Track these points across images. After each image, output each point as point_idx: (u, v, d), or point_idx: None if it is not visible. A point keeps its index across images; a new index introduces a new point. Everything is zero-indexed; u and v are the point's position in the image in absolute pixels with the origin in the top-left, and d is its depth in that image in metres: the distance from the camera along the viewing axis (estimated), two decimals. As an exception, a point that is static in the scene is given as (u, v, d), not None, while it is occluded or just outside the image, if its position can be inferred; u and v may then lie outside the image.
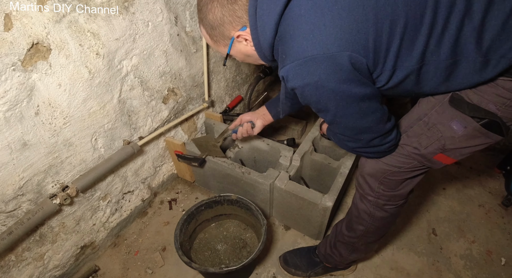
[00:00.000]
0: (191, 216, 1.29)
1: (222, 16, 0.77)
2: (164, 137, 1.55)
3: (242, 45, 0.84)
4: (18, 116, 0.92)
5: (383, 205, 0.97)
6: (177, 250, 1.14)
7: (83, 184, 1.16)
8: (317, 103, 0.74)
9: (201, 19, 0.81)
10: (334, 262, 1.22)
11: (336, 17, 0.64)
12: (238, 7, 0.76)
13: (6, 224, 1.03)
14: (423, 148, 0.83)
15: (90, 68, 1.05)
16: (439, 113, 0.79)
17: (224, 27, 0.79)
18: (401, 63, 0.69)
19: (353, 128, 0.79)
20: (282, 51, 0.72)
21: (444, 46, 0.67)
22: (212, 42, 0.86)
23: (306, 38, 0.66)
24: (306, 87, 0.70)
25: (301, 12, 0.67)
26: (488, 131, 0.73)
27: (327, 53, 0.65)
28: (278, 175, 1.35)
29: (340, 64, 0.65)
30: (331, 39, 0.64)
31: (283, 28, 0.70)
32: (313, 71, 0.67)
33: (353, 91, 0.69)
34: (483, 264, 1.37)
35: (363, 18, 0.64)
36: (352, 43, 0.65)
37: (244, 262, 1.08)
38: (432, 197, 1.65)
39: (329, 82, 0.67)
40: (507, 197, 1.58)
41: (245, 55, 0.88)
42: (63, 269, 1.30)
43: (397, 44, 0.67)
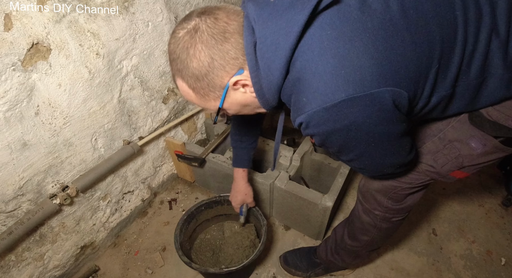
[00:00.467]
0: (191, 216, 1.29)
1: (210, 60, 0.59)
2: (164, 137, 1.55)
3: (239, 94, 0.66)
4: (18, 116, 0.92)
5: (391, 218, 0.94)
6: (177, 250, 1.14)
7: (83, 184, 1.16)
8: (341, 147, 0.63)
9: (179, 70, 0.62)
10: (337, 267, 1.22)
11: (369, 46, 0.53)
12: (231, 45, 0.59)
13: (6, 224, 1.03)
14: (440, 167, 0.79)
15: (90, 68, 1.05)
16: (456, 129, 0.75)
17: (215, 74, 0.61)
18: (437, 89, 0.62)
19: (377, 164, 0.69)
20: (301, 94, 0.58)
21: (474, 66, 0.61)
22: (198, 97, 0.66)
23: (337, 75, 0.53)
24: (333, 133, 0.59)
25: (324, 44, 0.54)
26: (506, 146, 0.71)
27: (365, 92, 0.53)
28: (278, 175, 1.35)
29: (381, 103, 0.54)
30: (368, 74, 0.53)
31: (299, 66, 0.56)
32: (345, 115, 0.55)
33: (391, 131, 0.59)
34: (483, 264, 1.37)
35: (399, 44, 0.54)
36: (393, 76, 0.54)
37: (244, 263, 1.08)
38: (432, 197, 1.65)
39: (366, 125, 0.56)
40: (507, 197, 1.58)
41: (242, 106, 0.70)
42: (63, 269, 1.30)
43: (435, 70, 0.59)
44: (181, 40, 0.60)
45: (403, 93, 0.56)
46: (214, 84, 0.63)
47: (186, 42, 0.59)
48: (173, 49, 0.61)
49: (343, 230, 1.11)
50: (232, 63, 0.61)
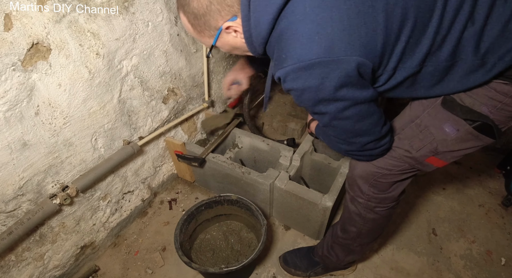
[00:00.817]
0: (191, 216, 1.29)
1: (208, 4, 0.68)
2: (164, 137, 1.55)
3: (231, 37, 0.76)
4: (18, 116, 0.92)
5: (374, 207, 0.96)
6: (177, 250, 1.14)
7: (83, 184, 1.16)
8: (314, 106, 0.71)
9: (182, 5, 0.71)
10: (331, 263, 1.22)
11: (344, 17, 0.60)
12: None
13: (6, 224, 1.03)
14: (415, 151, 0.82)
15: (90, 68, 1.05)
16: (431, 115, 0.79)
17: (211, 16, 0.70)
18: (402, 64, 0.68)
19: (349, 131, 0.76)
20: (281, 50, 0.66)
21: (445, 49, 0.66)
22: (195, 32, 0.76)
23: (311, 39, 0.61)
24: (305, 90, 0.66)
25: (306, 10, 0.61)
26: (480, 133, 0.73)
27: (333, 57, 0.60)
28: (278, 175, 1.35)
29: (346, 69, 0.62)
30: (338, 42, 0.60)
31: (283, 25, 0.64)
32: (316, 75, 0.63)
33: (354, 95, 0.67)
34: (483, 264, 1.37)
35: (373, 19, 0.61)
36: (361, 47, 0.61)
37: (244, 262, 1.08)
38: (432, 197, 1.65)
39: (332, 86, 0.64)
40: (507, 197, 1.58)
41: (233, 47, 0.80)
42: (63, 269, 1.30)
43: (402, 46, 0.65)
44: None
45: (368, 63, 0.63)
46: (210, 25, 0.72)
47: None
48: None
49: (338, 224, 1.13)
50: (227, 10, 0.69)
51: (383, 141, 0.81)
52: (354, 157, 0.90)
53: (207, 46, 0.81)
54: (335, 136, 0.81)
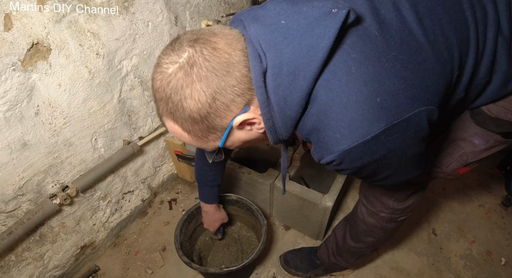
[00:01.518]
0: (191, 216, 1.29)
1: (212, 101, 0.48)
2: (164, 137, 1.55)
3: (244, 132, 0.57)
4: (18, 116, 0.92)
5: (397, 218, 0.94)
6: (177, 250, 1.14)
7: (83, 184, 1.16)
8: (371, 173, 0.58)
9: (170, 112, 0.50)
10: (340, 268, 1.22)
11: (398, 66, 0.48)
12: (236, 80, 0.48)
13: (6, 224, 1.03)
14: (445, 167, 0.79)
15: (90, 68, 1.05)
16: (458, 128, 0.75)
17: (217, 115, 0.50)
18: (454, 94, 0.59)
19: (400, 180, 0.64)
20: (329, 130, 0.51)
21: (483, 65, 0.58)
22: (194, 139, 0.55)
23: (372, 104, 0.47)
24: (369, 164, 0.53)
25: (352, 70, 0.47)
26: (508, 139, 0.72)
27: (403, 117, 0.48)
28: (278, 175, 1.35)
29: (417, 124, 0.50)
30: (403, 97, 0.48)
31: (324, 98, 0.49)
32: (384, 144, 0.50)
33: (422, 149, 0.55)
34: (483, 264, 1.37)
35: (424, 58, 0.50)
36: (425, 94, 0.50)
37: (244, 263, 1.08)
38: (432, 197, 1.65)
39: (401, 149, 0.52)
40: (507, 197, 1.58)
41: (245, 142, 0.61)
42: (63, 269, 1.30)
43: (456, 76, 0.55)
44: (172, 77, 0.48)
45: (435, 109, 0.51)
46: (215, 126, 0.52)
47: (180, 80, 0.47)
48: (162, 87, 0.49)
49: (344, 231, 1.10)
50: (238, 101, 0.50)
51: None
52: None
53: (210, 150, 0.60)
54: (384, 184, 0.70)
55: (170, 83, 0.48)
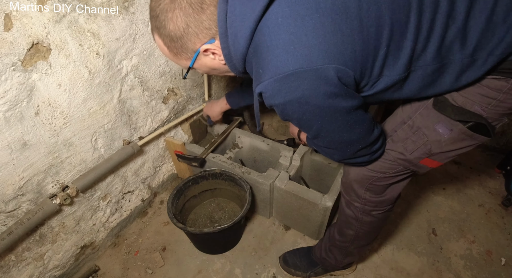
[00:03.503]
0: (180, 191, 1.37)
1: (186, 26, 0.64)
2: (164, 137, 1.55)
3: (209, 59, 0.73)
4: (18, 116, 0.92)
5: (371, 211, 0.95)
6: (171, 219, 1.22)
7: (83, 184, 1.16)
8: (299, 120, 0.68)
9: (157, 28, 0.67)
10: (330, 265, 1.22)
11: (318, 25, 0.57)
12: (206, 16, 0.64)
13: (6, 224, 1.03)
14: (409, 153, 0.80)
15: (90, 68, 1.05)
16: (424, 116, 0.77)
17: (188, 39, 0.67)
18: (387, 71, 0.65)
19: (339, 141, 0.73)
20: (258, 65, 0.63)
21: (430, 51, 0.63)
22: (171, 54, 0.72)
23: (286, 50, 0.58)
24: (287, 105, 0.63)
25: (279, 20, 0.58)
26: (474, 133, 0.72)
27: (311, 67, 0.58)
28: (278, 175, 1.35)
29: (326, 78, 0.59)
30: (314, 51, 0.57)
31: (258, 38, 0.61)
32: (295, 87, 0.60)
33: (340, 105, 0.64)
34: (483, 264, 1.37)
35: (347, 26, 0.58)
36: (338, 55, 0.58)
37: (234, 220, 1.18)
38: (432, 197, 1.65)
39: (314, 98, 0.61)
40: (507, 197, 1.58)
41: (211, 69, 0.77)
42: (63, 269, 1.30)
43: (384, 52, 0.62)
44: (162, 1, 0.64)
45: (349, 71, 0.60)
46: (187, 47, 0.69)
47: (166, 5, 0.63)
48: (154, 7, 0.65)
49: (335, 226, 1.13)
50: (205, 32, 0.66)
51: (375, 146, 0.79)
52: (349, 164, 0.89)
53: (183, 67, 0.78)
54: (325, 147, 0.78)
55: (160, 5, 0.64)
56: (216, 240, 1.34)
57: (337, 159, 0.83)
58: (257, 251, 1.42)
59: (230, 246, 1.42)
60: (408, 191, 1.67)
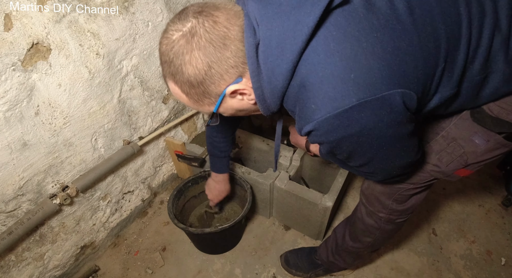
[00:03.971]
0: (180, 192, 1.37)
1: (208, 68, 0.55)
2: (164, 137, 1.55)
3: (236, 100, 0.64)
4: (18, 116, 0.92)
5: (395, 219, 0.94)
6: (172, 219, 1.22)
7: (83, 184, 1.16)
8: (351, 153, 0.61)
9: (172, 74, 0.57)
10: (338, 268, 1.22)
11: (378, 47, 0.51)
12: (231, 53, 0.55)
13: (6, 224, 1.03)
14: (445, 166, 0.78)
15: (90, 68, 1.05)
16: (459, 127, 0.75)
17: (211, 82, 0.57)
18: (442, 88, 0.60)
19: (388, 167, 0.67)
20: (308, 100, 0.55)
21: (477, 62, 0.60)
22: (191, 102, 0.62)
23: (346, 78, 0.50)
24: (344, 140, 0.56)
25: (331, 46, 0.51)
26: (509, 142, 0.71)
27: (376, 95, 0.51)
28: (278, 175, 1.35)
29: (391, 105, 0.52)
30: (378, 76, 0.51)
31: (305, 70, 0.53)
32: (357, 120, 0.53)
33: (402, 132, 0.58)
34: (483, 264, 1.37)
35: (407, 43, 0.53)
36: (402, 77, 0.53)
37: (236, 219, 1.18)
38: (432, 197, 1.65)
39: (377, 129, 0.54)
40: (507, 197, 1.58)
41: (238, 110, 0.68)
42: (63, 269, 1.30)
43: (441, 68, 0.57)
44: (175, 43, 0.55)
45: (413, 94, 0.54)
46: (210, 92, 0.59)
47: (182, 47, 0.54)
48: (166, 51, 0.56)
49: (344, 231, 1.10)
50: (231, 72, 0.57)
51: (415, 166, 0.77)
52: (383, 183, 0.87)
53: (206, 113, 0.69)
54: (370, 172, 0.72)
55: (173, 48, 0.55)
56: (217, 240, 1.34)
57: (378, 180, 0.78)
58: (257, 251, 1.42)
59: (231, 246, 1.43)
60: (408, 191, 1.67)
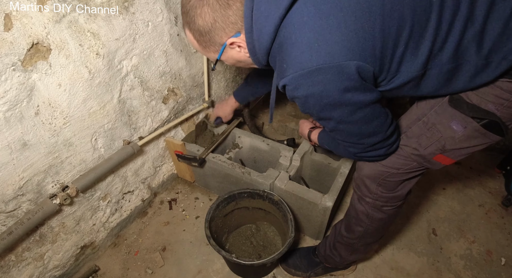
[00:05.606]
0: (232, 197, 1.31)
1: (213, 21, 0.71)
2: (164, 137, 1.55)
3: (235, 52, 0.80)
4: (18, 116, 0.92)
5: (382, 206, 0.97)
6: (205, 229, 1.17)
7: (83, 184, 1.16)
8: (319, 112, 0.72)
9: (188, 23, 0.74)
10: (334, 262, 1.22)
11: (342, 24, 0.61)
12: (232, 12, 0.70)
13: (6, 224, 1.03)
14: (423, 149, 0.82)
15: (90, 68, 1.05)
16: (439, 113, 0.79)
17: (216, 33, 0.73)
18: (405, 68, 0.69)
19: (356, 134, 0.77)
20: (282, 60, 0.68)
21: (447, 51, 0.66)
22: (200, 47, 0.80)
23: (311, 46, 0.62)
24: (309, 97, 0.68)
25: (304, 18, 0.63)
26: (488, 131, 0.73)
27: (333, 63, 0.62)
28: (278, 175, 1.35)
29: (347, 73, 0.63)
30: (337, 48, 0.62)
31: (283, 34, 0.66)
32: (318, 82, 0.65)
33: (359, 98, 0.68)
34: (483, 264, 1.37)
35: (370, 24, 0.62)
36: (359, 52, 0.63)
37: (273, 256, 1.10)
38: (432, 197, 1.65)
39: (335, 91, 0.66)
40: (507, 197, 1.58)
41: (237, 61, 0.84)
42: (63, 269, 1.30)
43: (402, 50, 0.65)
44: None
45: (369, 67, 0.64)
46: (214, 41, 0.75)
47: (196, 1, 0.70)
48: (184, 4, 0.72)
49: (341, 223, 1.13)
50: (231, 27, 0.72)
51: (390, 140, 0.82)
52: (363, 159, 0.91)
53: (212, 60, 0.84)
54: (343, 140, 0.82)
55: (190, 2, 0.71)
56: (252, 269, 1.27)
57: (352, 153, 0.86)
58: (257, 251, 1.42)
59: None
60: (408, 191, 1.67)
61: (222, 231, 1.38)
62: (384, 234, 1.08)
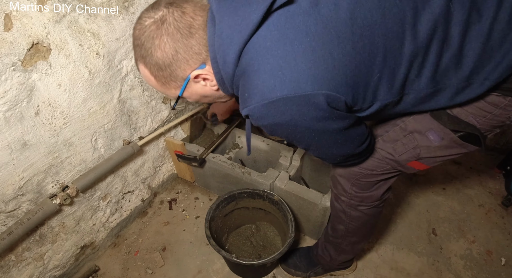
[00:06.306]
0: (232, 197, 1.30)
1: (174, 53, 0.62)
2: (164, 137, 1.55)
3: (199, 86, 0.70)
4: (18, 116, 0.92)
5: (357, 206, 0.96)
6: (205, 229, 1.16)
7: (83, 184, 1.16)
8: (288, 138, 0.68)
9: (143, 57, 0.64)
10: (326, 263, 1.23)
11: (308, 50, 0.55)
12: (195, 41, 0.62)
13: (6, 224, 1.03)
14: (398, 155, 0.81)
15: (90, 68, 1.05)
16: (417, 121, 0.77)
17: (178, 66, 0.64)
18: (380, 96, 0.64)
19: (329, 154, 0.74)
20: (244, 89, 0.61)
21: (425, 77, 0.63)
22: (159, 84, 0.69)
23: (274, 75, 0.56)
24: (276, 126, 0.63)
25: (267, 44, 0.56)
26: (465, 142, 0.73)
27: (299, 93, 0.56)
28: (278, 175, 1.35)
29: (315, 104, 0.57)
30: (303, 77, 0.55)
31: (245, 60, 0.59)
32: (283, 112, 0.59)
33: (330, 127, 0.63)
34: (483, 264, 1.37)
35: (339, 51, 0.56)
36: (329, 81, 0.56)
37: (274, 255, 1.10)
38: (432, 197, 1.65)
39: (303, 121, 0.60)
40: (507, 197, 1.58)
41: (202, 96, 0.75)
42: (63, 269, 1.30)
43: (377, 78, 0.61)
44: (147, 28, 0.61)
45: (340, 97, 0.58)
46: (176, 75, 0.66)
47: (152, 31, 0.61)
48: (138, 36, 0.63)
49: (328, 223, 1.15)
50: (195, 58, 0.64)
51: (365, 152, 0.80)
52: (340, 166, 0.92)
53: (172, 97, 0.74)
54: (316, 156, 0.79)
55: (145, 33, 0.62)
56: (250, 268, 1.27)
57: (328, 162, 0.85)
58: (257, 251, 1.42)
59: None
60: (408, 191, 1.67)
61: (222, 231, 1.38)
62: (368, 233, 1.08)
